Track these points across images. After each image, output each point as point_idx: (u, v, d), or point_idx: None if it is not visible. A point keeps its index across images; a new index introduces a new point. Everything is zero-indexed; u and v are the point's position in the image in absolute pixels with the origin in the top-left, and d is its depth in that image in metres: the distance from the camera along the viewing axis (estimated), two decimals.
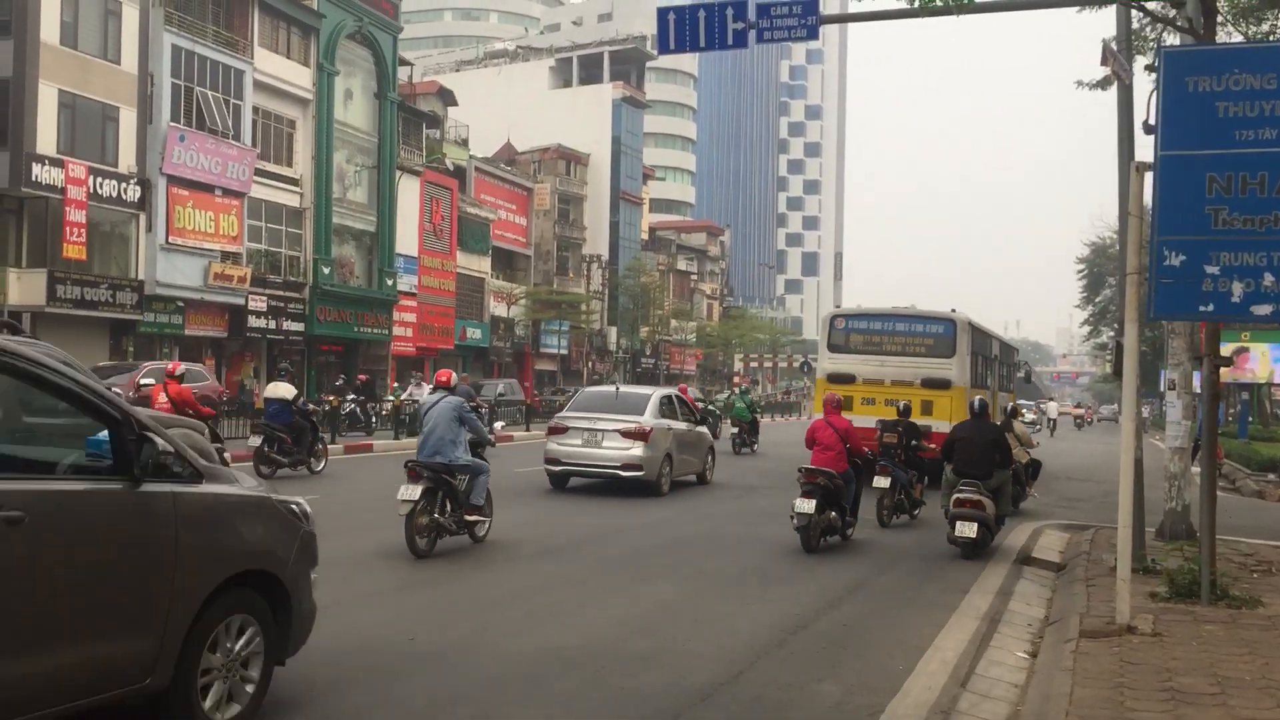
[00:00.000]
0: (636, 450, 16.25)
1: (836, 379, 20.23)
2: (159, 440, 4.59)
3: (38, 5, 29.18)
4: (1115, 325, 46.67)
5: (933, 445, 15.08)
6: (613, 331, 66.61)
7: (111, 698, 4.48)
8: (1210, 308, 7.67)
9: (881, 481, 14.00)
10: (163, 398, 14.57)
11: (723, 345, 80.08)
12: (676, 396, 18.72)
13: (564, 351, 60.42)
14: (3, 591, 3.97)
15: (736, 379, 61.77)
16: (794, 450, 18.03)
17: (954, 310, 20.98)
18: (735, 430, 28.45)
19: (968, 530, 11.25)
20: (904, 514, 14.25)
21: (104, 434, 4.55)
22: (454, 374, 11.88)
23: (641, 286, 67.31)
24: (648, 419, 16.63)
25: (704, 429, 19.33)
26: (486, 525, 11.25)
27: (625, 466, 16.21)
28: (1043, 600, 9.20)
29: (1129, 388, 8.11)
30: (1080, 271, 60.43)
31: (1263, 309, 7.58)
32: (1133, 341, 7.89)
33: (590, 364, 64.13)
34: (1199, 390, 11.01)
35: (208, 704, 4.86)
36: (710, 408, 32.05)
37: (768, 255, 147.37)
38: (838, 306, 40.45)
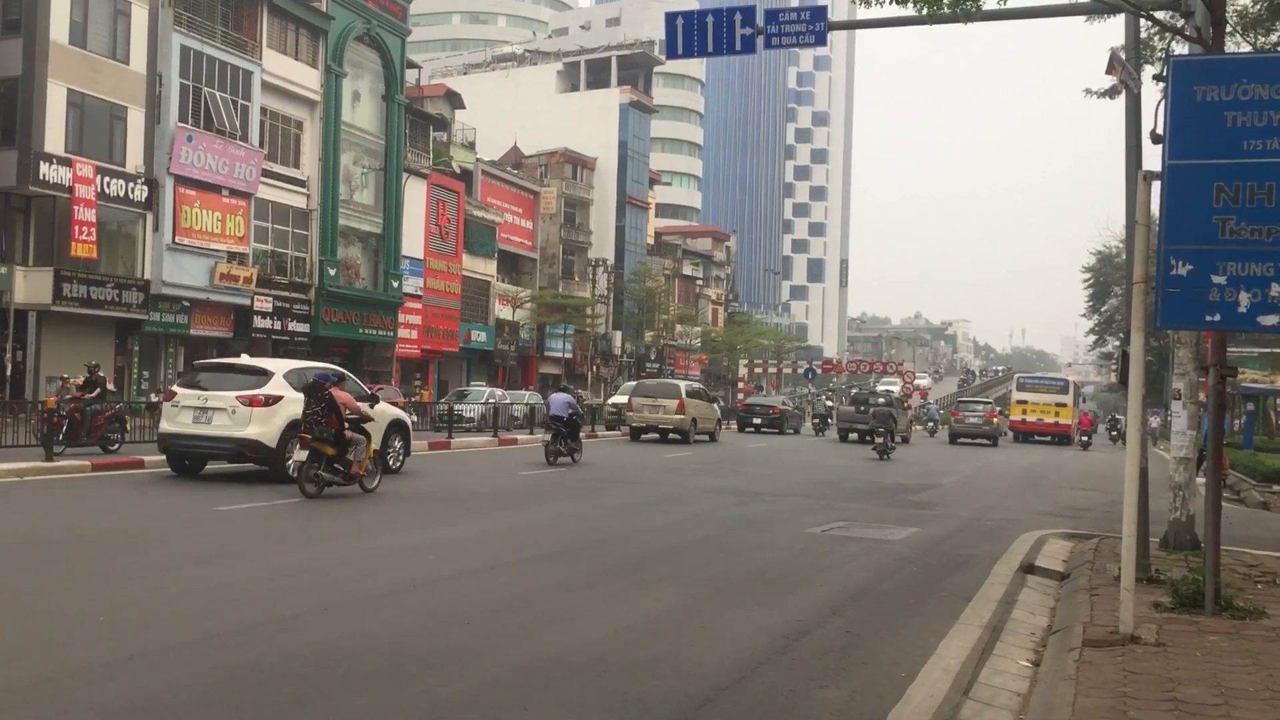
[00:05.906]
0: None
1: (1020, 403, 49.59)
2: None
3: (47, 5, 29.31)
4: (1121, 334, 46.71)
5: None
6: (617, 336, 66.65)
7: None
8: (1217, 317, 7.65)
9: (1083, 437, 45.21)
10: None
11: (727, 351, 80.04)
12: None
13: (569, 355, 60.45)
14: None
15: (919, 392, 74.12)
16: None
17: (1070, 377, 60.52)
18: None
19: None
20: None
21: None
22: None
23: (646, 291, 67.35)
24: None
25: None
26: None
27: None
28: (1046, 609, 9.16)
29: (1135, 397, 8.09)
30: (1086, 280, 60.30)
31: (1269, 319, 7.55)
32: (1139, 351, 7.87)
33: (595, 368, 64.15)
34: (1204, 400, 11.01)
35: None
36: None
37: (773, 261, 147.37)
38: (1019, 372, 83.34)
